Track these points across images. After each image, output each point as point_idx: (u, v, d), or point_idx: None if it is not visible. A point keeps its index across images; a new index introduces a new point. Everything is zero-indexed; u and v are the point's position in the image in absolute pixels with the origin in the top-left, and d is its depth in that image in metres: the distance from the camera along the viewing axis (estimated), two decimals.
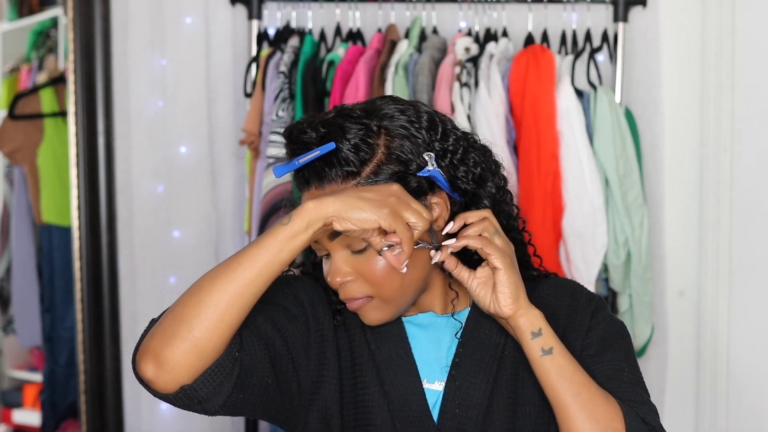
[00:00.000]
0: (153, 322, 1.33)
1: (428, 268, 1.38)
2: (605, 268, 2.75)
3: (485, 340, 1.40)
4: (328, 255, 1.36)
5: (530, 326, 1.32)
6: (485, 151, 1.42)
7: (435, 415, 1.39)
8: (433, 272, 1.40)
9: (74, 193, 3.11)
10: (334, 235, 1.33)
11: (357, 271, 1.34)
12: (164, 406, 3.07)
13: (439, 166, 1.34)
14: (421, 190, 1.33)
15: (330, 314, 1.43)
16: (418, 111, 1.36)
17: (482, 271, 1.35)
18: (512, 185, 2.64)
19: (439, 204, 1.35)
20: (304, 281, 1.45)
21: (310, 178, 1.33)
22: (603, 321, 1.42)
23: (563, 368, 1.31)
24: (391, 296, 1.35)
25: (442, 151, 1.35)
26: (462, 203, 1.37)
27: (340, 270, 1.34)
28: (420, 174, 1.32)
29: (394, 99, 1.38)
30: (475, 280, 1.35)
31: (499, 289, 1.32)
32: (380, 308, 1.36)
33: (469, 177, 1.36)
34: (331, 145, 1.30)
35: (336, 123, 1.33)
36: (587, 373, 1.33)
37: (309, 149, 1.32)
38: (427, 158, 1.33)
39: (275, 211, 2.74)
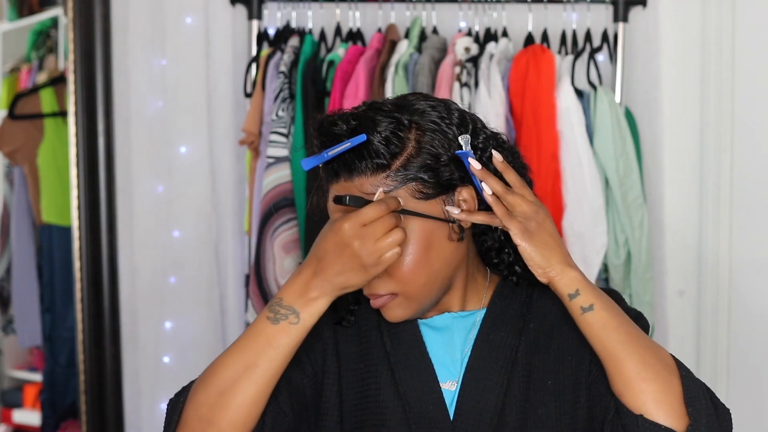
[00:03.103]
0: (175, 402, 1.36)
1: (453, 265, 1.37)
2: (605, 268, 2.75)
3: (499, 343, 1.40)
4: None
5: (567, 289, 1.30)
6: (513, 152, 1.41)
7: (450, 415, 1.38)
8: (458, 271, 1.39)
9: (74, 193, 3.11)
10: None
11: None
12: (164, 405, 3.06)
13: None
14: (451, 183, 1.33)
15: (329, 320, 1.43)
16: (449, 108, 1.36)
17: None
18: None
19: (468, 201, 1.34)
20: None
21: (339, 170, 1.33)
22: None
23: (607, 321, 1.29)
24: (415, 293, 1.34)
25: (472, 147, 1.35)
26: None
27: None
28: (456, 153, 1.32)
29: (425, 96, 1.38)
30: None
31: (529, 264, 1.32)
32: (404, 305, 1.35)
33: (498, 175, 1.36)
34: (362, 137, 1.30)
35: (367, 116, 1.33)
36: (635, 325, 1.31)
37: (339, 141, 1.31)
38: (462, 141, 1.32)
39: (275, 210, 2.75)
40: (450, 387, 1.39)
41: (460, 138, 1.33)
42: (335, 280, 1.27)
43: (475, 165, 1.32)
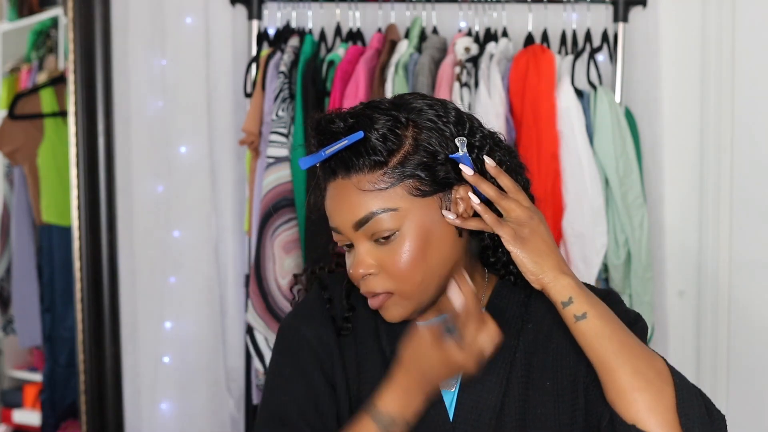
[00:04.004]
0: None
1: (451, 263, 1.37)
2: (605, 268, 2.75)
3: (497, 343, 1.39)
4: (351, 246, 1.36)
5: (560, 296, 1.30)
6: (510, 151, 1.41)
7: (450, 417, 1.38)
8: (455, 269, 1.39)
9: (74, 193, 3.11)
10: (359, 225, 1.32)
11: (380, 264, 1.33)
12: (164, 405, 3.07)
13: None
14: (448, 181, 1.33)
15: (333, 329, 1.43)
16: (446, 107, 1.36)
17: None
18: None
19: (465, 199, 1.35)
20: (301, 335, 1.44)
21: (336, 168, 1.33)
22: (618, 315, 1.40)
23: (600, 330, 1.29)
24: (411, 291, 1.34)
25: (469, 146, 1.35)
26: (486, 200, 1.36)
27: (364, 262, 1.34)
28: (451, 156, 1.32)
29: (422, 95, 1.38)
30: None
31: (520, 269, 1.32)
32: (401, 304, 1.35)
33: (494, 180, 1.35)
34: (359, 134, 1.30)
35: (364, 114, 1.33)
36: (630, 333, 1.31)
37: (336, 139, 1.32)
38: (458, 143, 1.32)
39: (275, 211, 2.75)
40: (450, 388, 1.39)
41: (456, 140, 1.33)
42: (438, 384, 1.33)
43: (467, 171, 1.32)
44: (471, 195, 1.33)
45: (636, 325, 1.38)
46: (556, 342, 1.40)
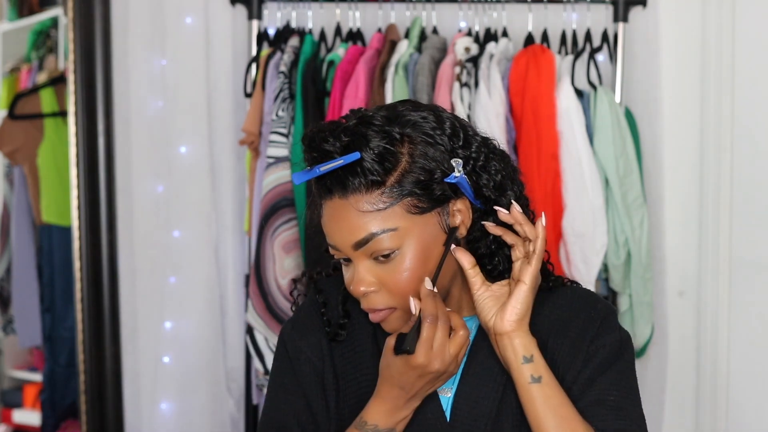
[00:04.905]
0: None
1: (450, 275, 1.37)
2: (605, 268, 2.75)
3: (494, 351, 1.38)
4: (348, 260, 1.34)
5: (524, 350, 1.32)
6: (504, 158, 1.40)
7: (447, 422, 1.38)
8: (454, 280, 1.39)
9: (74, 193, 3.11)
10: (358, 245, 1.31)
11: (380, 281, 1.32)
12: (164, 405, 3.07)
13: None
14: (445, 196, 1.32)
15: (327, 335, 1.44)
16: (440, 117, 1.34)
17: (499, 288, 1.36)
18: None
19: (462, 211, 1.34)
20: (298, 346, 1.45)
21: (333, 188, 1.31)
22: (606, 345, 1.39)
23: (550, 398, 1.31)
24: None
25: (464, 158, 1.34)
26: (483, 211, 1.36)
27: (364, 280, 1.33)
28: (447, 180, 1.31)
29: (414, 105, 1.36)
30: (487, 292, 1.35)
31: (512, 303, 1.32)
32: (404, 318, 1.35)
33: (491, 184, 1.35)
34: (356, 155, 1.28)
35: (359, 132, 1.31)
36: (572, 402, 1.33)
37: (331, 158, 1.30)
38: (454, 164, 1.32)
39: (275, 211, 2.75)
40: (446, 393, 1.39)
41: (452, 161, 1.32)
42: (424, 394, 1.33)
43: (505, 213, 1.35)
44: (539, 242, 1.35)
45: (621, 359, 1.39)
46: (551, 351, 1.39)
